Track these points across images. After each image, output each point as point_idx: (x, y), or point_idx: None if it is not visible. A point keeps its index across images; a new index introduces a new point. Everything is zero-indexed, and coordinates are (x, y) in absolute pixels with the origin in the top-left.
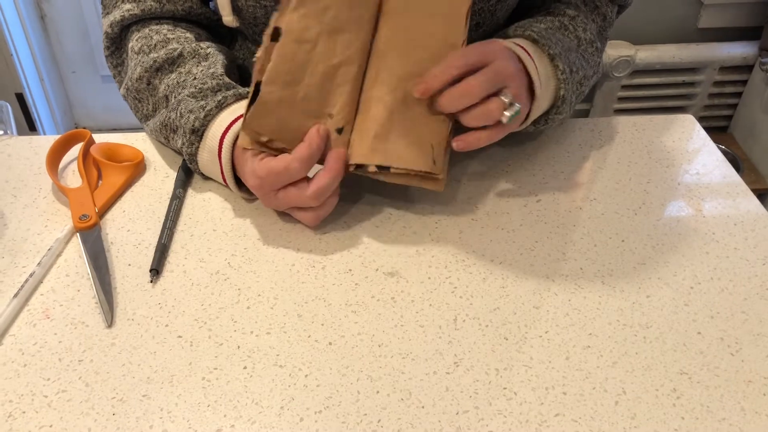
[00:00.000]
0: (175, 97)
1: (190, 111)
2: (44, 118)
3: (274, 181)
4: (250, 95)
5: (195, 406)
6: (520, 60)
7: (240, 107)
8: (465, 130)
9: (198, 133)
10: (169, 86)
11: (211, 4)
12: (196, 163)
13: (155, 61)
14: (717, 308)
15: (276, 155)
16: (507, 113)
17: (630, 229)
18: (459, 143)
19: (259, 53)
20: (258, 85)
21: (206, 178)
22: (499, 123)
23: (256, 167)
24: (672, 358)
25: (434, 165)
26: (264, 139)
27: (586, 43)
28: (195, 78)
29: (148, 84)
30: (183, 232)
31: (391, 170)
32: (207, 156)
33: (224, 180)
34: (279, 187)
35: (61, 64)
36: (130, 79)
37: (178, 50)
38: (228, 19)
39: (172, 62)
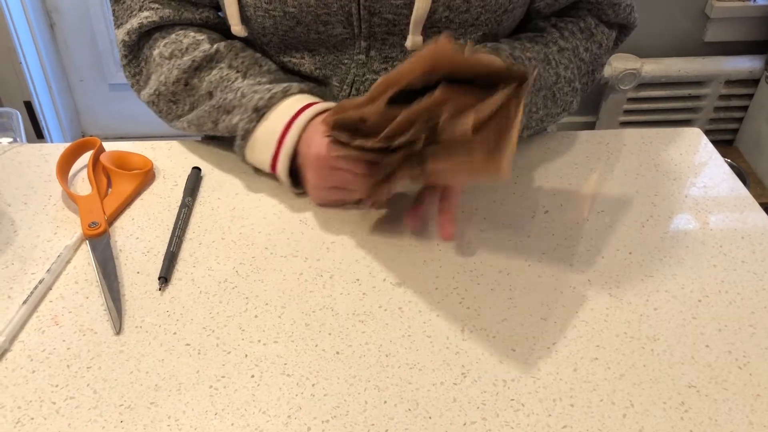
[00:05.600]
0: (223, 90)
1: (255, 91)
2: (52, 126)
3: (332, 179)
4: None
5: (202, 414)
6: None
7: (304, 98)
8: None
9: (260, 111)
10: (211, 83)
11: (221, 14)
12: (246, 141)
13: (193, 61)
14: (725, 321)
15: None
16: None
17: (637, 242)
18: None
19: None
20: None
21: (244, 161)
22: None
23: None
24: (680, 371)
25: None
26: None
27: (563, 81)
28: (238, 71)
29: (186, 85)
30: (191, 241)
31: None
32: (262, 136)
33: (273, 164)
34: (332, 185)
35: (69, 73)
36: (163, 84)
37: (214, 47)
38: (236, 29)
39: (210, 59)
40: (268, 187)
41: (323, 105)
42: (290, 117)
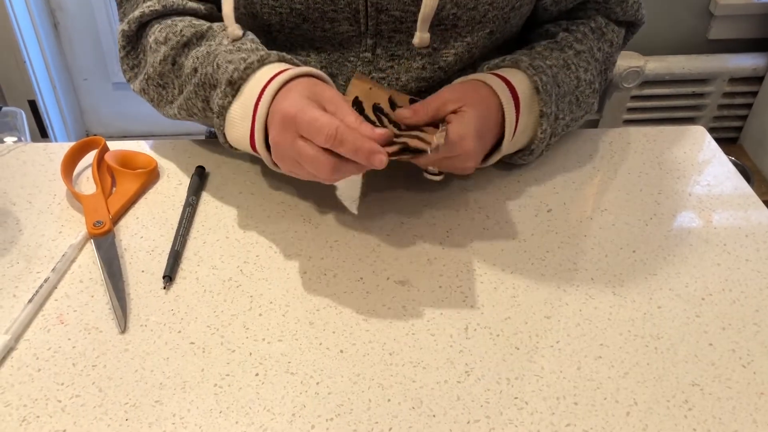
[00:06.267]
0: (206, 64)
1: (229, 62)
2: (56, 125)
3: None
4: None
5: (207, 413)
6: (500, 108)
7: (282, 65)
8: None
9: (234, 85)
10: (197, 58)
11: None
12: (224, 119)
13: (183, 36)
14: (728, 320)
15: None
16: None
17: (641, 240)
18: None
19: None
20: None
21: (229, 146)
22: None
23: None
24: (683, 369)
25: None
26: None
27: (584, 84)
28: (227, 47)
29: (173, 64)
30: (196, 239)
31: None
32: (238, 110)
33: (251, 138)
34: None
35: (73, 72)
36: (151, 66)
37: (207, 26)
38: (230, 29)
39: (201, 36)
40: (273, 186)
41: (302, 69)
42: (264, 83)
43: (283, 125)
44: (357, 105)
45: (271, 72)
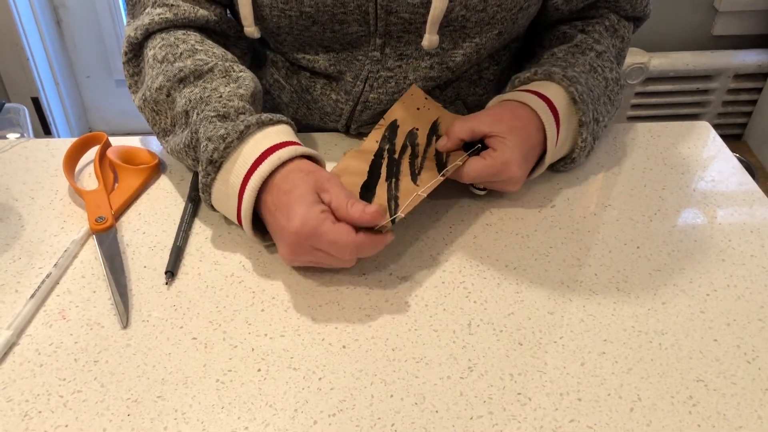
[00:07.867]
0: (197, 114)
1: (209, 138)
2: (59, 121)
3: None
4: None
5: (209, 408)
6: (541, 127)
7: (263, 136)
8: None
9: (216, 164)
10: (191, 101)
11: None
12: (209, 195)
13: (180, 71)
14: (733, 315)
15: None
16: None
17: (645, 236)
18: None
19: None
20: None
21: (214, 210)
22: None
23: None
24: (688, 365)
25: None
26: None
27: (612, 83)
28: (221, 96)
29: (168, 96)
30: (198, 235)
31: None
32: (222, 189)
33: (238, 219)
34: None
35: (76, 69)
36: (148, 89)
37: (210, 65)
38: (250, 30)
39: (199, 75)
40: None
41: (284, 153)
42: (246, 173)
43: (296, 244)
44: (391, 128)
45: (252, 155)
